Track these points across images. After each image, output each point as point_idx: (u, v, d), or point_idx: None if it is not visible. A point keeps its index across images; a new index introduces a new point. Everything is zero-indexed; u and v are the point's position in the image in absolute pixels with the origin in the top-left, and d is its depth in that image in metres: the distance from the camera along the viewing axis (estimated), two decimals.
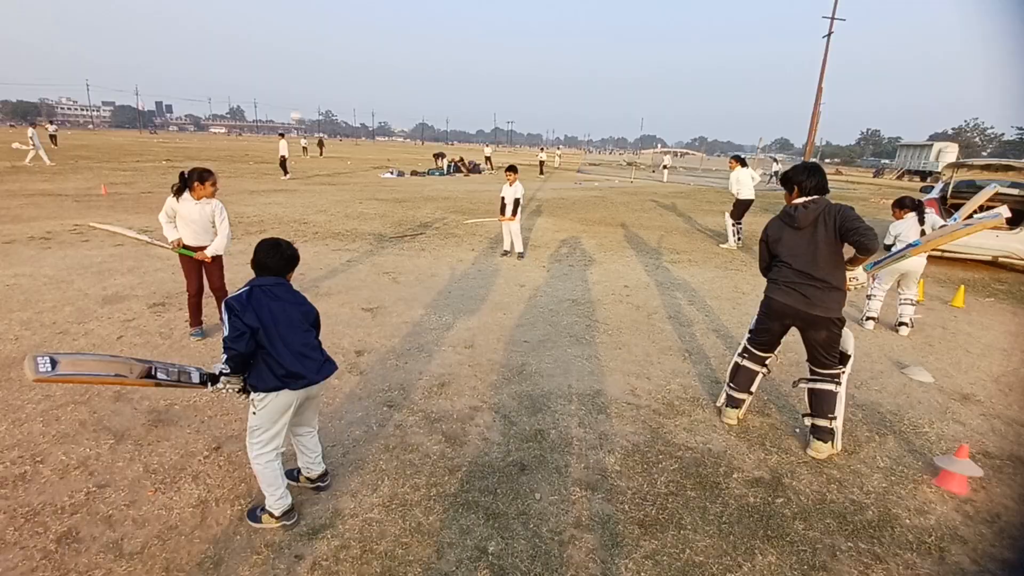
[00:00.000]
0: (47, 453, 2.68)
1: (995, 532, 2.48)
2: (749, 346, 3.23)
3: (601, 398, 3.56)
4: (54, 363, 1.67)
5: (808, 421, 3.06)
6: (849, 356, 3.04)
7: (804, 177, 2.90)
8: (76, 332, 4.20)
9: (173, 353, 3.91)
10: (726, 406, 3.35)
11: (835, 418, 2.97)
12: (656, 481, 2.71)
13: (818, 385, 3.00)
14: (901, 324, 5.20)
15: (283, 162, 18.29)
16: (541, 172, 27.90)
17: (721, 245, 9.49)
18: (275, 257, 2.16)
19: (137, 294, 5.18)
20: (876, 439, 3.23)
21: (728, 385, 3.34)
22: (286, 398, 2.11)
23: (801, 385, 3.12)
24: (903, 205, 5.09)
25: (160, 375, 1.96)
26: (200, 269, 4.14)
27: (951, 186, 9.75)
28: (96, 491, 2.43)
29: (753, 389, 3.29)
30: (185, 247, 3.99)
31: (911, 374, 4.21)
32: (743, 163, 9.31)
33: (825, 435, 2.98)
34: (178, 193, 3.90)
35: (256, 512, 2.28)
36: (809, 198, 2.88)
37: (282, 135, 21.46)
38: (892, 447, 3.16)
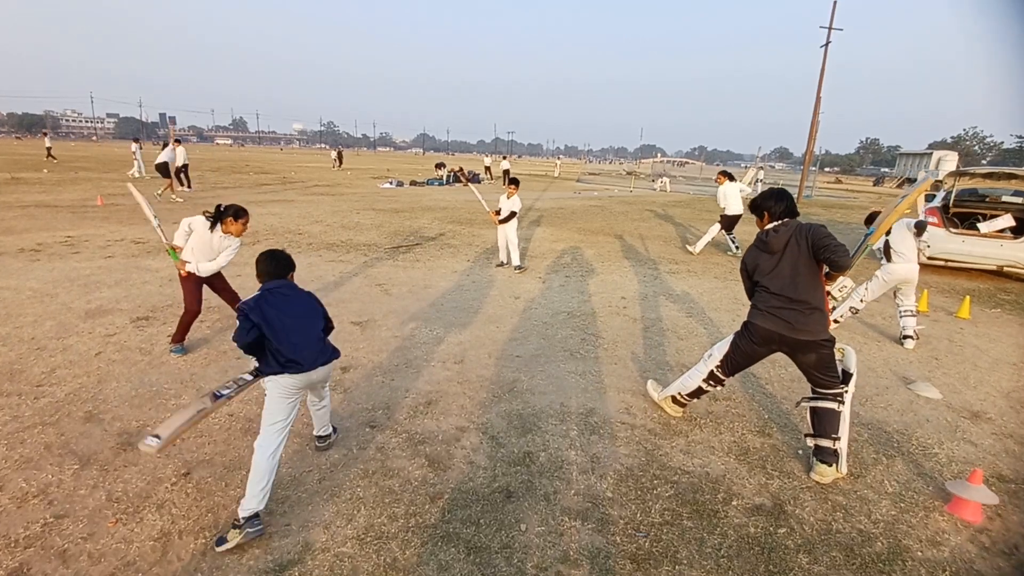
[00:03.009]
0: (6, 479, 2.54)
1: (1013, 566, 2.31)
2: (718, 373, 3.12)
3: (594, 417, 3.41)
4: (158, 437, 2.06)
5: (811, 442, 2.90)
6: (851, 374, 2.91)
7: (772, 203, 2.93)
8: (54, 348, 4.06)
9: (152, 370, 3.78)
10: (674, 403, 3.42)
11: (839, 439, 2.82)
12: (650, 509, 2.55)
13: (820, 404, 2.87)
14: (906, 337, 5.06)
15: (182, 170, 14.90)
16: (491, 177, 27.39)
17: (688, 247, 9.59)
18: (271, 263, 2.54)
19: (122, 307, 5.06)
20: (883, 461, 3.07)
21: (681, 395, 3.34)
22: (288, 380, 2.36)
23: (803, 404, 2.99)
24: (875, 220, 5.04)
25: (224, 392, 2.33)
26: (201, 289, 4.08)
27: (953, 195, 9.63)
28: (53, 522, 2.29)
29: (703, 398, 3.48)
30: (174, 253, 3.97)
31: (918, 390, 4.05)
32: (731, 178, 9.24)
33: (829, 457, 2.83)
34: (212, 224, 3.84)
35: (224, 536, 2.16)
36: (779, 222, 2.87)
37: (178, 141, 15.34)
38: (900, 470, 2.99)
